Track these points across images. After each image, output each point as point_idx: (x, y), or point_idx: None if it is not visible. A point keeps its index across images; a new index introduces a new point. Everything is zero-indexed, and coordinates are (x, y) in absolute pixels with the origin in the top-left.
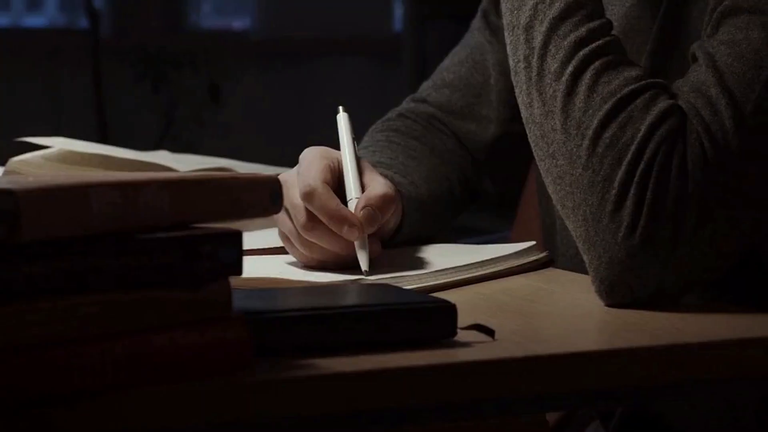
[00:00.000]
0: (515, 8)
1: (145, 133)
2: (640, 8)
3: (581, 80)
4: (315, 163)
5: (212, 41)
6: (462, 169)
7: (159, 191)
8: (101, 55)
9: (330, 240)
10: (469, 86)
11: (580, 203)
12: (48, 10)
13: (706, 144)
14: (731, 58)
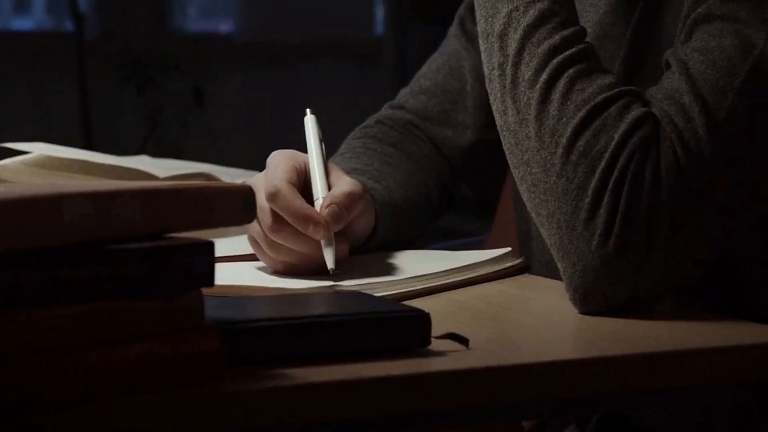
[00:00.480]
0: (489, 16)
1: (130, 136)
2: (613, 15)
3: (555, 88)
4: (281, 165)
5: (197, 45)
6: (439, 175)
7: (131, 201)
8: (87, 57)
9: (296, 240)
10: (446, 93)
11: (554, 211)
12: (36, 13)
13: (680, 151)
14: (704, 65)
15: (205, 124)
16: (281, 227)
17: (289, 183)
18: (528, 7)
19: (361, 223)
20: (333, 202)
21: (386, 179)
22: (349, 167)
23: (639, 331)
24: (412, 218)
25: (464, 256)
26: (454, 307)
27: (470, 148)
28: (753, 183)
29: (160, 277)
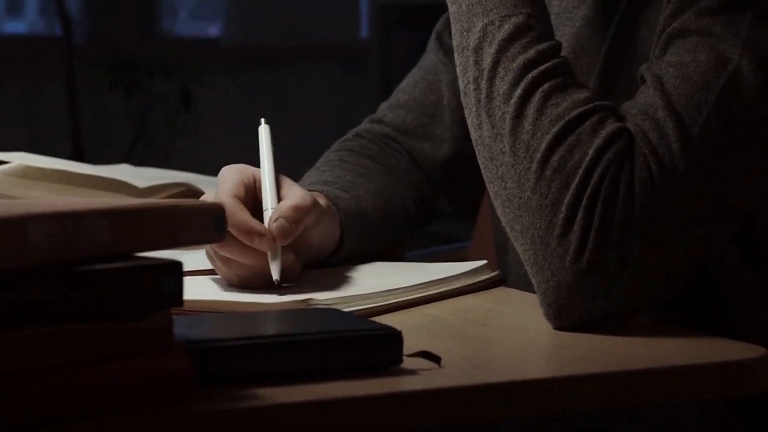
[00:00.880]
0: (465, 30)
1: (118, 138)
2: (589, 28)
3: (530, 102)
4: (228, 180)
5: (184, 49)
6: (417, 188)
7: (99, 221)
8: (75, 61)
9: (242, 253)
10: (423, 106)
11: (528, 226)
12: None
13: (654, 167)
14: (679, 80)
15: (192, 126)
16: (227, 241)
17: (235, 197)
18: (503, 21)
19: (317, 235)
20: (280, 216)
21: (357, 189)
22: (320, 179)
23: (614, 347)
24: (385, 228)
25: (439, 268)
26: (427, 323)
27: (448, 161)
28: (727, 197)
29: (128, 298)
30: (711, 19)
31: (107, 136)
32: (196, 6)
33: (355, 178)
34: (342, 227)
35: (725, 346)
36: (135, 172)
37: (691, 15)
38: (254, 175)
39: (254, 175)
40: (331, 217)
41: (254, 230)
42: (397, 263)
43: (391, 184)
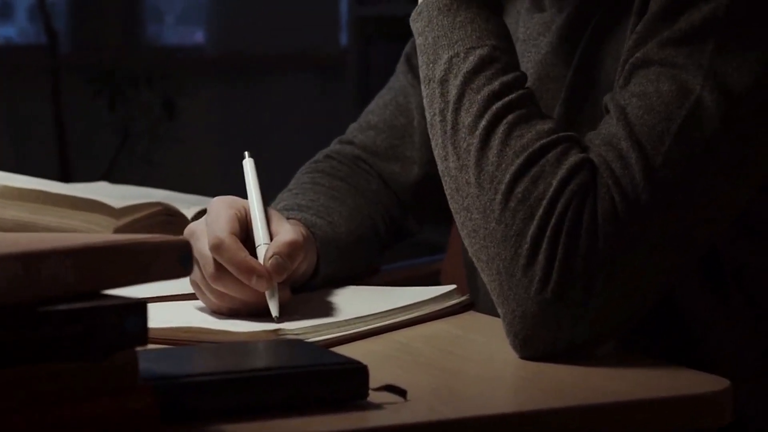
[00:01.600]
0: (431, 62)
1: (103, 147)
2: (554, 56)
3: (494, 134)
4: (222, 214)
5: (167, 59)
6: (387, 209)
7: (63, 260)
8: (60, 71)
9: (238, 289)
10: (393, 128)
11: (494, 257)
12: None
13: (617, 198)
14: (642, 110)
15: (176, 135)
16: (223, 276)
17: (232, 234)
18: (468, 53)
19: (302, 266)
20: (276, 253)
21: (331, 214)
22: (294, 203)
23: (580, 380)
24: (358, 252)
25: (409, 293)
26: (395, 351)
27: (418, 182)
28: (690, 227)
29: (93, 339)
30: (674, 49)
31: (92, 145)
32: (180, 16)
33: (329, 202)
34: (318, 255)
35: (690, 378)
36: (112, 191)
37: (654, 45)
38: (245, 208)
39: (245, 208)
40: (310, 248)
41: (254, 270)
42: (368, 287)
43: (362, 207)
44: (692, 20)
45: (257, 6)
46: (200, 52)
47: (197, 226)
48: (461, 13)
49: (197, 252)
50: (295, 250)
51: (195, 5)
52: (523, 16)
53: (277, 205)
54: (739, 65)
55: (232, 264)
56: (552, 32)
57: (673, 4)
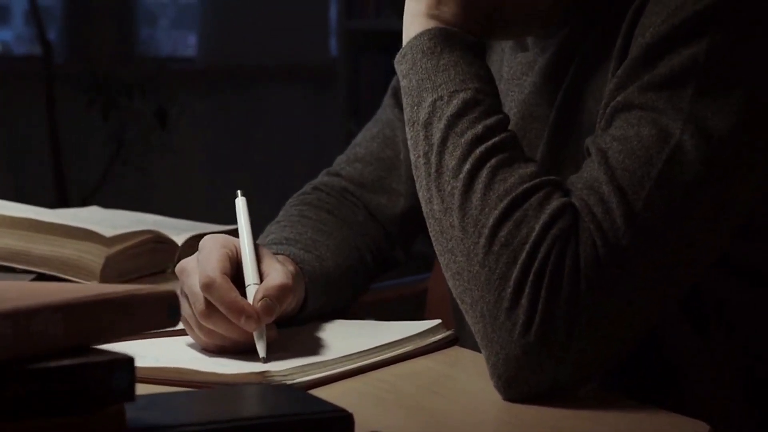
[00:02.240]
0: (415, 104)
1: (96, 156)
2: (538, 96)
3: (478, 178)
4: (214, 253)
5: (160, 69)
6: (374, 240)
7: (52, 316)
8: (55, 80)
9: (228, 328)
10: (380, 161)
11: (478, 300)
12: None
13: (598, 242)
14: (623, 154)
15: (168, 144)
16: (213, 314)
17: (223, 273)
18: (452, 96)
19: (291, 304)
20: (265, 295)
21: (319, 248)
22: (282, 236)
23: (563, 422)
24: (345, 285)
25: (394, 328)
26: (381, 391)
27: (404, 214)
28: (671, 270)
29: (80, 395)
30: (654, 94)
31: (86, 153)
32: (172, 27)
33: (316, 236)
34: (307, 289)
35: (670, 422)
36: (103, 217)
37: (635, 89)
38: (236, 247)
39: (236, 247)
40: (299, 284)
41: (243, 310)
42: (354, 322)
43: (349, 239)
44: (672, 65)
45: (248, 17)
46: (192, 62)
47: (188, 263)
48: (445, 57)
49: (188, 289)
50: (285, 292)
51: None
52: (507, 55)
53: (265, 238)
54: (718, 110)
55: (222, 303)
56: (535, 72)
57: (653, 49)
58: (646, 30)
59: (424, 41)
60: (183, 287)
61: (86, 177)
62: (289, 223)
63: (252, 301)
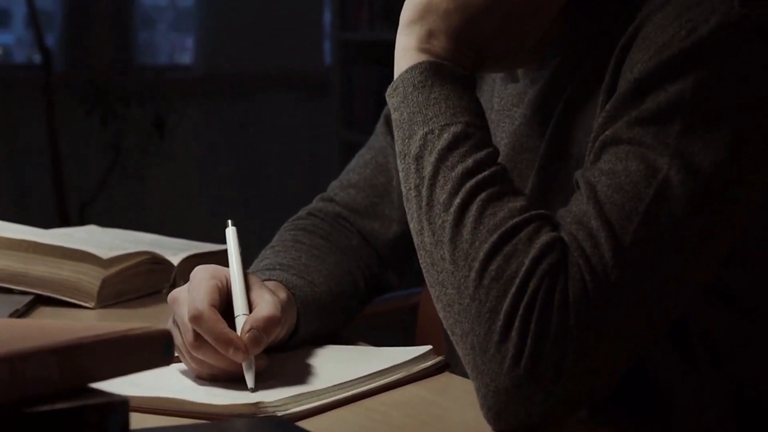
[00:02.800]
0: (406, 137)
1: (95, 164)
2: (528, 127)
3: (468, 212)
4: (203, 284)
5: (157, 78)
6: (367, 264)
7: (48, 359)
8: (54, 90)
9: (217, 358)
10: (373, 187)
11: (468, 332)
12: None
13: (587, 277)
14: (611, 189)
15: (165, 152)
16: (202, 345)
17: (211, 305)
18: (442, 130)
19: (282, 332)
20: (253, 327)
21: (312, 274)
22: (276, 262)
23: None
24: (337, 310)
25: (385, 355)
26: (371, 421)
27: (396, 239)
28: (658, 302)
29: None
30: (641, 129)
31: (84, 161)
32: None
33: (309, 261)
34: (299, 315)
35: None
36: (101, 235)
37: (623, 124)
38: (226, 277)
39: (226, 277)
40: (290, 310)
41: (231, 342)
42: (345, 347)
43: (342, 264)
44: (659, 101)
45: (244, 27)
46: (189, 71)
47: (180, 293)
48: (435, 90)
49: (179, 319)
50: (272, 324)
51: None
52: (497, 85)
53: (260, 263)
54: (705, 145)
55: (210, 335)
56: (525, 104)
57: (640, 85)
58: (634, 66)
59: (416, 75)
60: (174, 317)
61: (85, 184)
62: (283, 249)
63: (240, 332)
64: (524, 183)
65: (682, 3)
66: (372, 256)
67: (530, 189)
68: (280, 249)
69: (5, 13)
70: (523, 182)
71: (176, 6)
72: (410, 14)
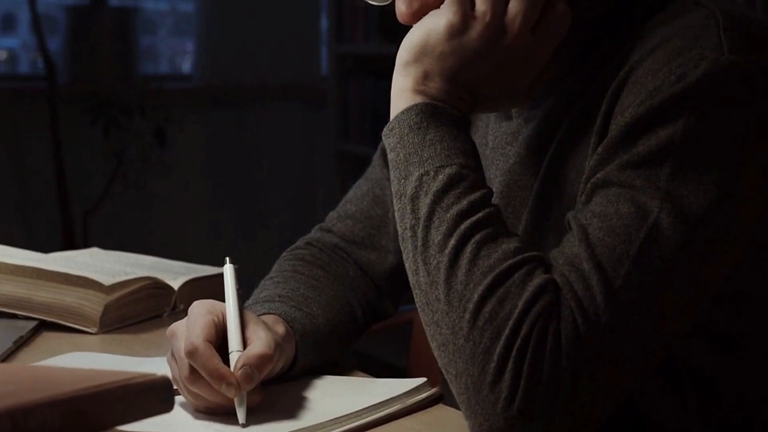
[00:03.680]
0: (402, 177)
1: (97, 173)
2: (522, 166)
3: (463, 253)
4: (200, 320)
5: (158, 90)
6: (365, 294)
7: (50, 411)
8: (58, 101)
9: (211, 393)
10: (370, 218)
11: (463, 372)
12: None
13: (579, 320)
14: (602, 232)
15: (166, 161)
16: (197, 379)
17: (207, 341)
18: (437, 171)
19: (278, 365)
20: (246, 363)
21: (310, 305)
22: (275, 293)
23: None
24: (335, 341)
25: (380, 386)
26: None
27: (392, 269)
28: (648, 342)
29: None
30: (632, 172)
31: (87, 170)
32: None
33: (308, 292)
34: (297, 347)
35: None
36: (104, 258)
37: (614, 167)
38: (223, 313)
39: (223, 313)
40: (288, 343)
41: (224, 377)
42: (341, 378)
43: (340, 294)
44: (649, 145)
45: (242, 40)
46: (189, 83)
47: (178, 327)
48: (431, 132)
49: (176, 352)
50: (265, 362)
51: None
52: (492, 123)
53: (259, 294)
54: (694, 188)
55: (204, 370)
56: (519, 143)
57: (631, 128)
58: (625, 110)
59: (411, 116)
60: (172, 350)
61: (88, 192)
62: (282, 279)
63: (233, 368)
64: (518, 220)
65: (673, 48)
66: (369, 286)
67: (524, 226)
68: (280, 280)
69: (10, 18)
70: (516, 219)
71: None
72: (406, 56)
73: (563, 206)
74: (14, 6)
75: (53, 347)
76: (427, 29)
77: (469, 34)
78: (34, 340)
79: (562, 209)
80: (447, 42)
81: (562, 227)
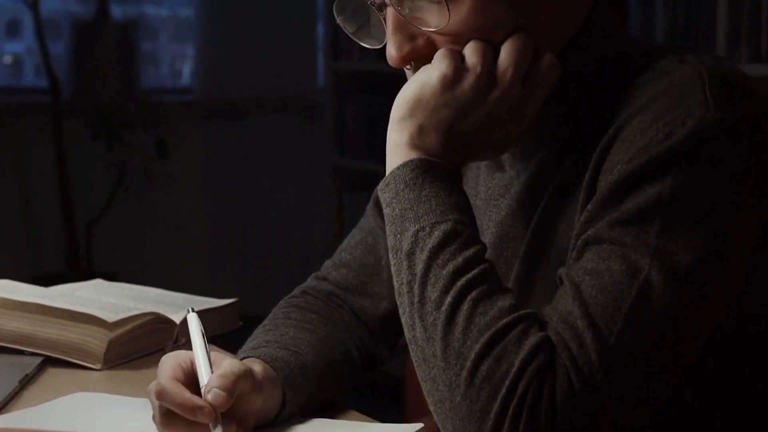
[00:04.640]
0: (398, 233)
1: (100, 185)
2: (514, 218)
3: (459, 311)
4: (165, 365)
5: (159, 104)
6: (360, 338)
7: None
8: (62, 114)
9: (188, 428)
10: (363, 266)
11: (459, 429)
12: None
13: (574, 378)
14: (595, 289)
15: (167, 173)
16: (172, 420)
17: (173, 379)
18: (433, 228)
19: (257, 402)
20: (212, 386)
21: (298, 344)
22: (264, 340)
23: None
24: (328, 375)
25: (375, 430)
26: None
27: (386, 315)
28: (642, 396)
29: None
30: (622, 229)
31: (90, 182)
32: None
33: (298, 334)
34: (283, 386)
35: None
36: (107, 290)
37: (604, 224)
38: (190, 358)
39: (190, 358)
40: (270, 382)
41: (195, 405)
42: (333, 422)
43: (334, 334)
44: (638, 202)
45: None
46: (190, 96)
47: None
48: (426, 188)
49: (151, 401)
50: (230, 379)
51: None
52: (483, 173)
53: (249, 343)
54: (683, 245)
55: (175, 405)
56: (511, 195)
57: (620, 186)
58: (614, 168)
59: (407, 172)
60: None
61: (91, 203)
62: (273, 326)
63: (203, 397)
64: (509, 271)
65: (661, 107)
66: (364, 331)
67: (514, 276)
68: (270, 327)
69: (15, 23)
70: (508, 269)
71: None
72: (401, 111)
73: (553, 258)
74: (19, 12)
75: (58, 385)
76: (420, 82)
77: (461, 85)
78: (39, 377)
79: (551, 261)
80: (441, 94)
81: (551, 279)
